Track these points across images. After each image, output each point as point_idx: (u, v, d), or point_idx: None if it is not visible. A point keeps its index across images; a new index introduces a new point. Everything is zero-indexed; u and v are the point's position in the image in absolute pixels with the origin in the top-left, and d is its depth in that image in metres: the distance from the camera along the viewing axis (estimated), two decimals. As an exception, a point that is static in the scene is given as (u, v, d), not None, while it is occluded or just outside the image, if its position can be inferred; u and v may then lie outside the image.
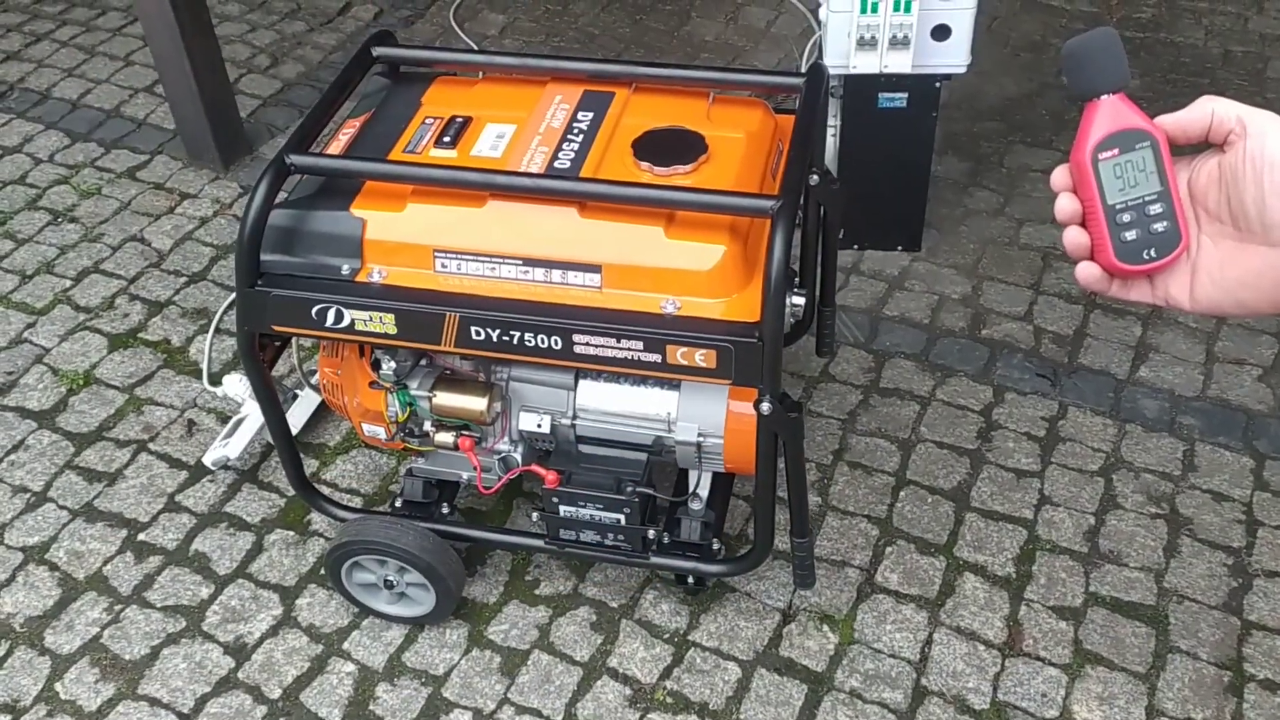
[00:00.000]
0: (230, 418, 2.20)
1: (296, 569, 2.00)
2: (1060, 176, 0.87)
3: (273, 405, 1.75)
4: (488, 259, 1.57)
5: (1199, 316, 2.35)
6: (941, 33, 2.23)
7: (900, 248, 2.60)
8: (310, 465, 2.17)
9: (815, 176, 1.84)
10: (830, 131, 2.46)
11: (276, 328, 1.62)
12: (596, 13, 3.50)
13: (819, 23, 2.46)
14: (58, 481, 2.16)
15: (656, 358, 1.52)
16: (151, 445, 2.22)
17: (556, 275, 1.56)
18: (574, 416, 1.77)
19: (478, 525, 1.91)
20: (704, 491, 1.84)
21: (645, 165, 1.60)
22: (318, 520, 2.08)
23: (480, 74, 1.83)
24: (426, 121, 1.72)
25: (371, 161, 1.61)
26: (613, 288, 1.55)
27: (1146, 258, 0.84)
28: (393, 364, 1.72)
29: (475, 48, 3.31)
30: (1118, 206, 0.84)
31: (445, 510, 1.93)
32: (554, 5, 3.54)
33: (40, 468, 2.19)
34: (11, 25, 3.46)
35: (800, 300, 1.81)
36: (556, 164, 1.61)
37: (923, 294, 2.50)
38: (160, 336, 2.44)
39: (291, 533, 2.06)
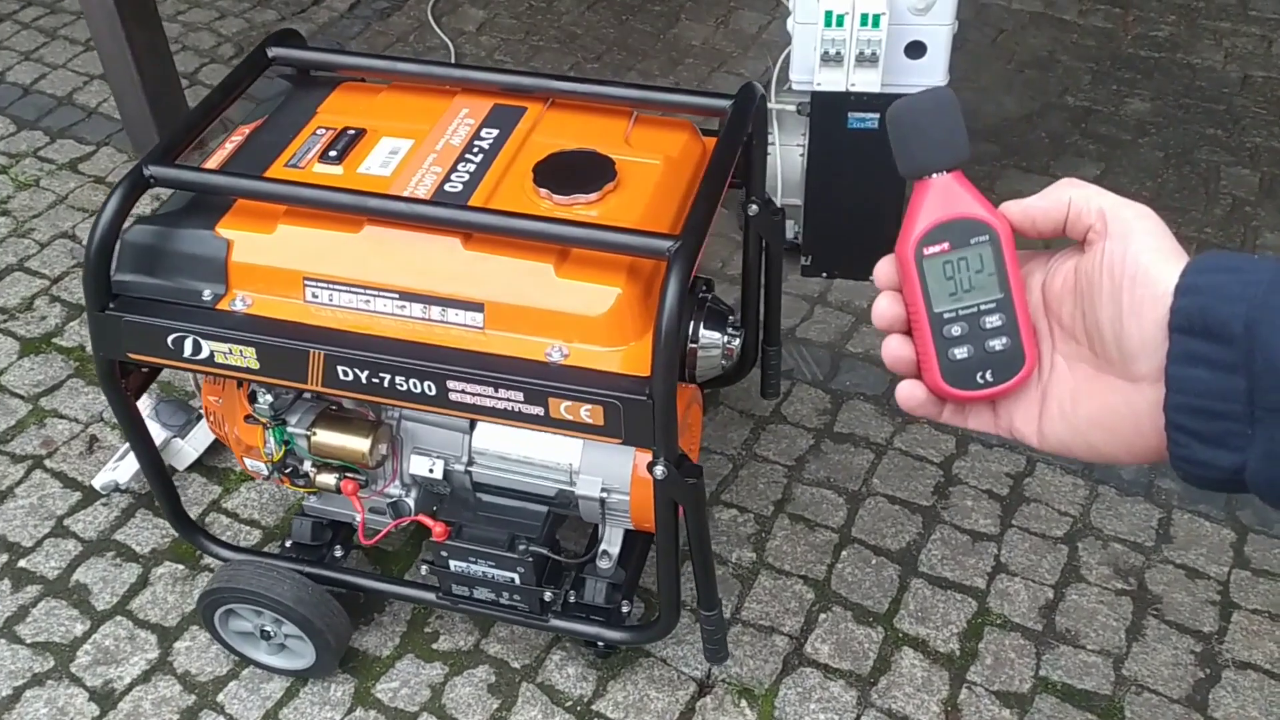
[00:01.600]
0: (130, 436, 2.05)
1: (180, 608, 1.85)
2: (885, 270, 0.69)
3: (139, 436, 1.60)
4: (361, 290, 1.41)
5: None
6: (916, 50, 2.05)
7: (871, 278, 2.41)
8: (212, 492, 2.02)
9: (755, 206, 1.68)
10: (798, 151, 2.29)
11: (133, 355, 1.47)
12: (581, 11, 3.33)
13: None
14: (-55, 496, 2.03)
15: (538, 410, 1.35)
16: (48, 462, 2.08)
17: (435, 312, 1.40)
18: (469, 462, 1.61)
19: (369, 573, 1.75)
20: (614, 549, 1.68)
21: (544, 192, 1.43)
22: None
23: (387, 81, 1.68)
24: (318, 132, 1.56)
25: (237, 177, 1.45)
26: (496, 329, 1.38)
27: (981, 381, 0.67)
28: (269, 398, 1.56)
29: (450, 45, 3.15)
30: (946, 316, 0.67)
31: (338, 553, 1.77)
32: (538, 2, 3.37)
33: (-71, 480, 2.06)
34: (-26, 4, 3.34)
35: (735, 340, 1.65)
36: (448, 186, 1.45)
37: (891, 330, 2.31)
38: (75, 343, 2.30)
39: (181, 566, 1.91)
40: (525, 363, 1.35)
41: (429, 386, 1.37)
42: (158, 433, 1.98)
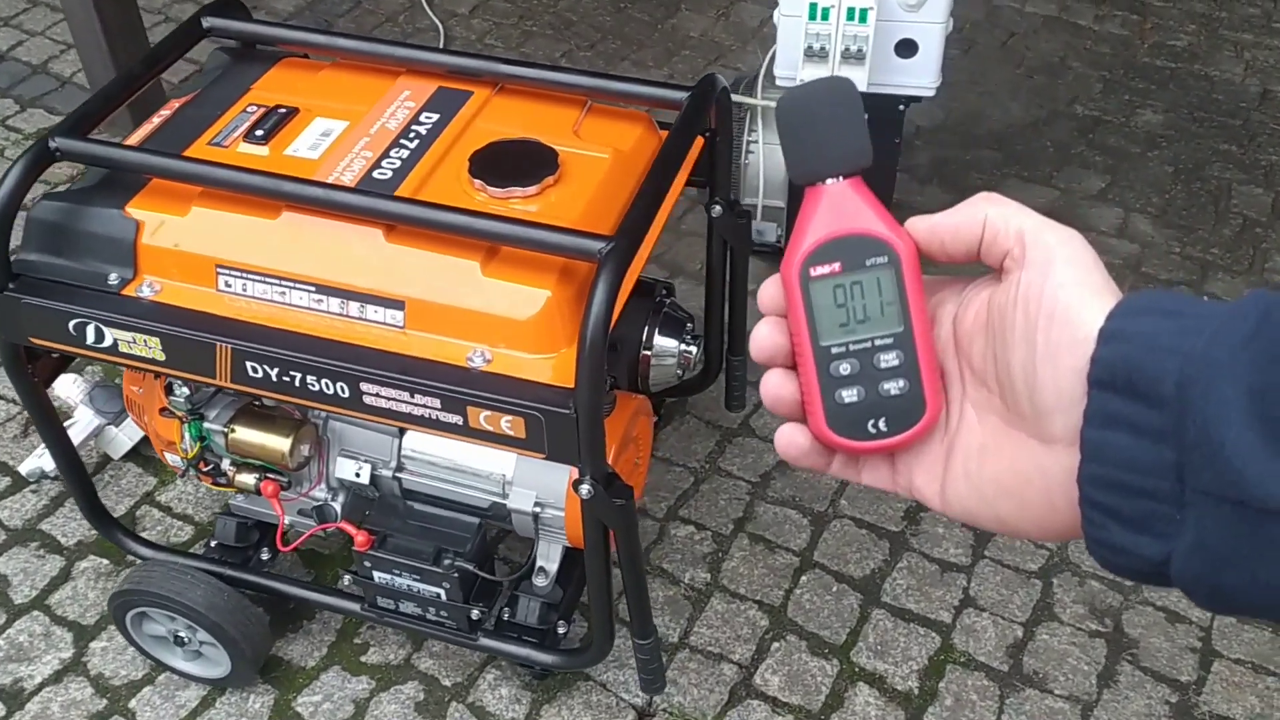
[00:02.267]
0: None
1: (100, 605, 1.76)
2: (770, 292, 0.58)
3: (47, 425, 1.50)
4: (276, 281, 1.31)
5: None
6: (906, 49, 1.94)
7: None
8: (147, 483, 1.93)
9: (719, 208, 1.57)
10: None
11: (35, 340, 1.37)
12: (578, -3, 3.22)
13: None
14: None
15: (456, 419, 1.25)
16: (-19, 443, 2.00)
17: (354, 308, 1.29)
18: (398, 468, 1.51)
19: (293, 580, 1.66)
20: (551, 565, 1.57)
21: (479, 184, 1.33)
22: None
23: (332, 58, 1.57)
24: (248, 109, 1.46)
25: (145, 153, 1.35)
26: (416, 329, 1.28)
27: (873, 431, 0.56)
28: (186, 390, 1.47)
29: (441, 27, 3.05)
30: (835, 350, 0.56)
31: (265, 555, 1.68)
32: (534, -14, 3.27)
33: None
34: (-42, -34, 3.25)
35: (692, 349, 1.54)
36: (375, 174, 1.35)
37: (872, 342, 2.20)
38: (21, 320, 2.21)
39: (105, 561, 1.82)
40: (445, 367, 1.25)
41: (342, 388, 1.27)
42: (92, 419, 1.89)
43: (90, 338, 1.33)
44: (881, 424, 0.56)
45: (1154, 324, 0.47)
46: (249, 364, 1.29)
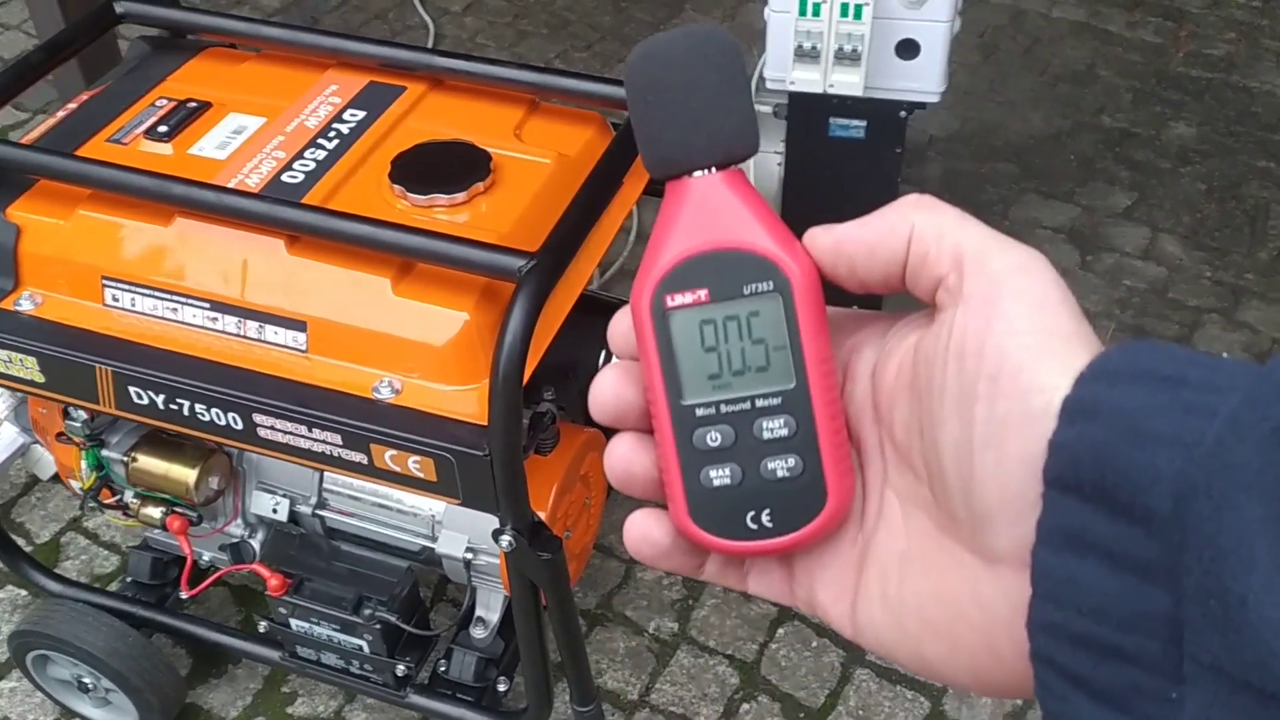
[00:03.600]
0: (-9, 438, 1.82)
1: (11, 641, 1.62)
2: (622, 328, 0.42)
3: (-65, 449, 1.36)
4: (167, 296, 1.16)
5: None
6: (908, 49, 1.76)
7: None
8: (75, 508, 1.79)
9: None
10: (775, 159, 2.01)
11: (-92, 356, 1.23)
12: (578, -4, 3.07)
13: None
14: None
15: (360, 458, 1.10)
16: (-96, 459, 1.86)
17: (252, 328, 1.14)
18: (319, 504, 1.36)
19: (207, 622, 1.50)
20: (492, 616, 1.41)
21: (399, 190, 1.17)
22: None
23: (258, 49, 1.43)
24: (157, 103, 1.31)
25: (21, 149, 1.21)
26: (320, 354, 1.13)
27: (754, 527, 0.40)
28: (83, 413, 1.32)
29: (431, 25, 2.91)
30: (701, 413, 0.40)
31: (184, 595, 1.53)
32: (533, -16, 3.12)
33: None
34: (-60, -42, 3.15)
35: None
36: (285, 177, 1.20)
37: (870, 369, 2.03)
38: (-38, 327, 2.09)
39: (23, 593, 1.68)
40: (348, 398, 1.10)
41: (234, 419, 1.12)
42: (16, 437, 1.74)
43: (-37, 355, 1.19)
44: (765, 517, 0.39)
45: (1142, 396, 0.31)
46: (132, 389, 1.14)
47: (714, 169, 0.40)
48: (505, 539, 1.09)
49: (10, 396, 1.75)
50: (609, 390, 0.41)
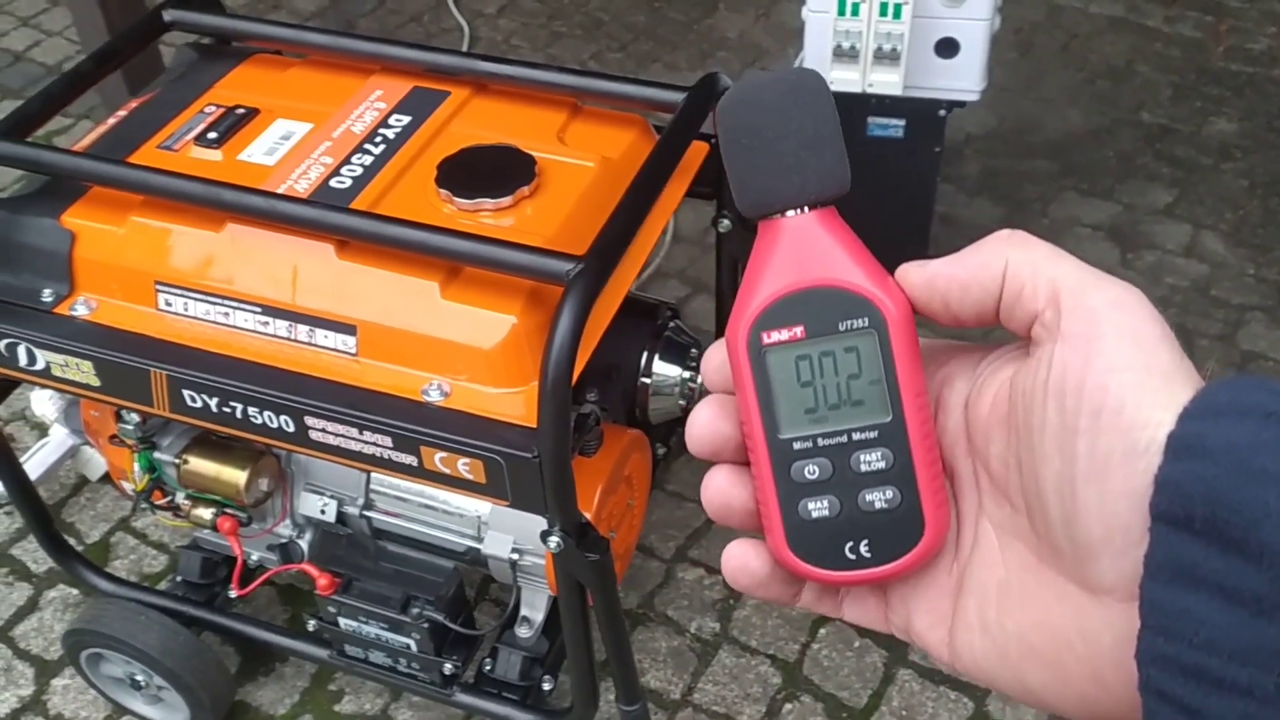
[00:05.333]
0: (43, 438, 1.86)
1: (64, 639, 1.65)
2: (715, 362, 0.43)
3: (-7, 451, 1.39)
4: (219, 300, 1.18)
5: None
6: (947, 48, 1.76)
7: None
8: (123, 508, 1.82)
9: (726, 222, 1.41)
10: (813, 159, 2.01)
11: (-35, 361, 1.26)
12: (612, -3, 3.08)
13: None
14: None
15: (410, 460, 1.11)
16: (-43, 461, 1.90)
17: (302, 332, 1.16)
18: (366, 505, 1.38)
19: (259, 622, 1.52)
20: (536, 616, 1.43)
21: (445, 194, 1.18)
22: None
23: (303, 55, 1.44)
24: (205, 110, 1.33)
25: (77, 157, 1.23)
26: (370, 357, 1.14)
27: (853, 557, 0.41)
28: (136, 416, 1.34)
29: (466, 27, 2.93)
30: (799, 447, 0.41)
31: (232, 594, 1.55)
32: (567, -15, 3.13)
33: None
34: (-16, -34, 3.20)
35: (699, 378, 1.39)
36: (333, 182, 1.21)
37: (909, 368, 2.02)
38: (11, 330, 2.12)
39: (75, 592, 1.71)
40: (398, 401, 1.11)
41: (286, 422, 1.14)
42: (66, 438, 1.78)
43: (22, 360, 1.21)
44: (863, 548, 0.41)
45: (1249, 431, 0.32)
46: (186, 393, 1.16)
47: (807, 209, 0.41)
48: (553, 540, 1.10)
49: (60, 399, 1.79)
50: (705, 425, 0.42)
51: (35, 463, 1.78)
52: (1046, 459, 0.36)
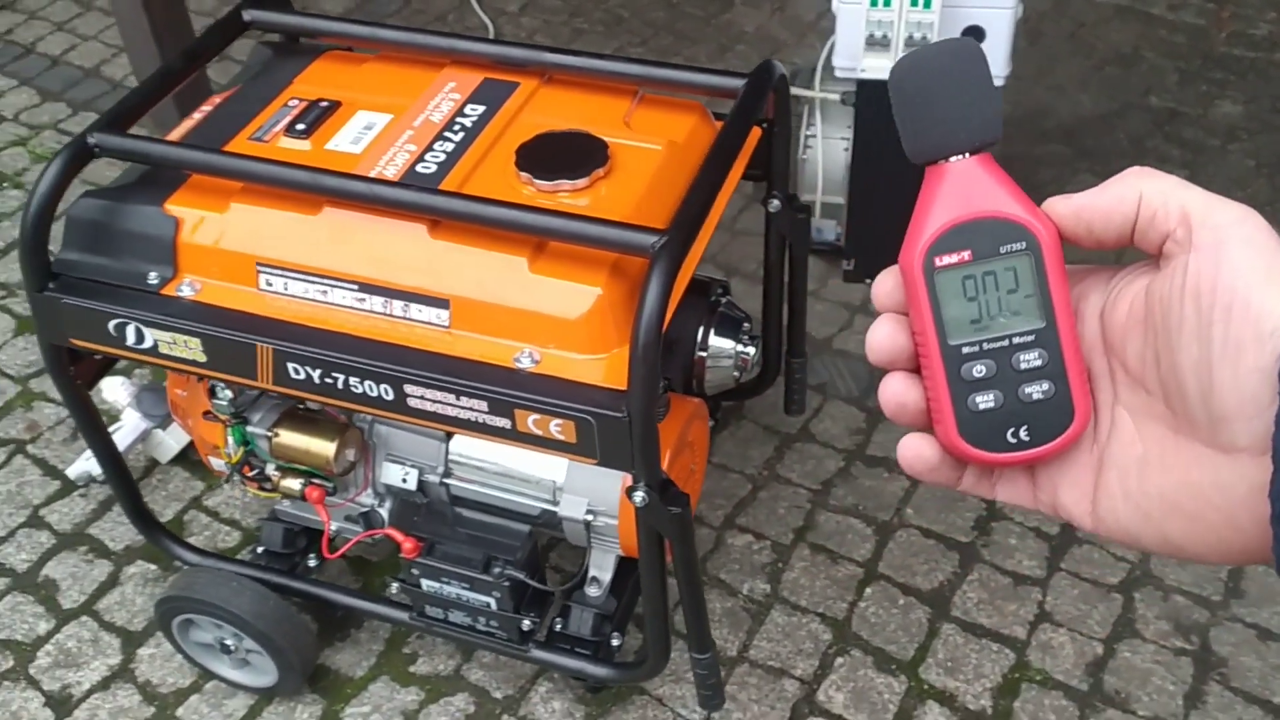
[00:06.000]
0: (111, 425, 1.94)
1: (148, 611, 1.73)
2: (887, 286, 0.52)
3: (90, 427, 1.47)
4: (318, 279, 1.26)
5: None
6: (974, 36, 1.85)
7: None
8: (194, 488, 1.90)
9: (777, 202, 1.50)
10: (842, 146, 2.10)
11: (75, 341, 1.34)
12: (631, -7, 3.16)
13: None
14: (-78, 480, 1.94)
15: (504, 423, 1.19)
16: (31, 447, 1.98)
17: (398, 307, 1.24)
18: (445, 473, 1.46)
19: (340, 587, 1.61)
20: (604, 576, 1.51)
21: (525, 176, 1.27)
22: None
23: (376, 51, 1.53)
24: (290, 104, 1.42)
25: (183, 148, 1.31)
26: (462, 329, 1.23)
27: (1013, 441, 0.50)
28: (229, 393, 1.43)
29: (490, 25, 3.01)
30: (967, 351, 0.49)
31: (311, 563, 1.63)
32: (586, -17, 3.22)
33: (-92, 462, 1.97)
34: (16, -27, 3.28)
35: (749, 350, 1.47)
36: (419, 167, 1.30)
37: (938, 343, 2.11)
38: (72, 323, 2.20)
39: (154, 567, 1.79)
40: (491, 368, 1.19)
41: (385, 390, 1.22)
42: (138, 423, 1.86)
43: (130, 339, 1.29)
44: (1023, 433, 0.49)
45: None
46: (290, 365, 1.24)
47: (968, 154, 0.49)
48: (639, 495, 1.18)
49: (131, 385, 1.88)
50: (884, 339, 0.51)
51: (110, 446, 1.87)
52: (1185, 349, 0.44)
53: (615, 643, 1.51)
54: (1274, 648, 1.64)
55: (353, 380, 1.23)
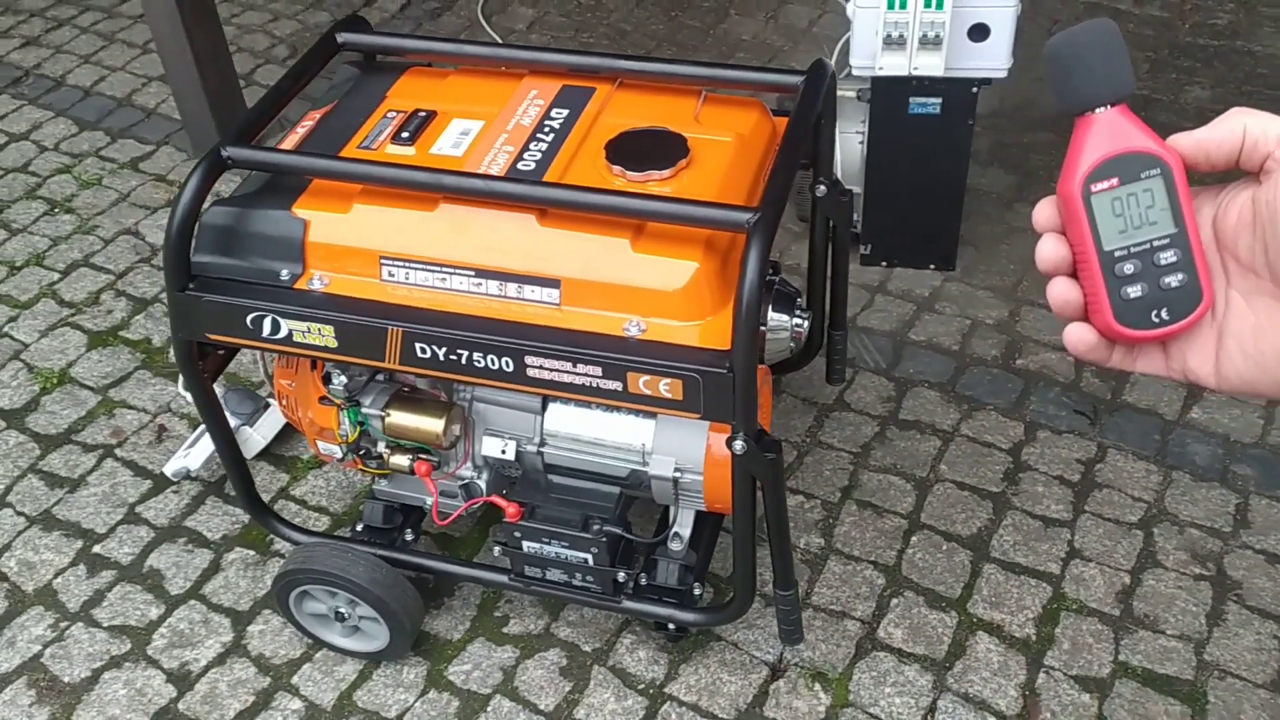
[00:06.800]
0: (199, 425, 2.07)
1: (252, 592, 1.87)
2: (1045, 213, 0.68)
3: (216, 420, 1.61)
4: (437, 268, 1.41)
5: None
6: (979, 33, 2.03)
7: (932, 266, 2.40)
8: (280, 479, 2.04)
9: (823, 187, 1.67)
10: (858, 139, 2.27)
11: (212, 336, 1.48)
12: (630, 8, 3.33)
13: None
14: (19, 486, 2.06)
15: (617, 385, 1.35)
16: (119, 451, 2.11)
17: (512, 289, 1.40)
18: (541, 443, 1.61)
19: (440, 555, 1.75)
20: (685, 531, 1.67)
21: (617, 169, 1.43)
22: (281, 541, 1.94)
23: (455, 65, 1.68)
24: (388, 115, 1.57)
25: (314, 157, 1.46)
26: (572, 305, 1.38)
27: (1156, 320, 0.66)
28: (344, 379, 1.57)
29: (500, 41, 3.17)
30: (1118, 254, 0.65)
31: (409, 537, 1.78)
32: (586, 0, 3.38)
33: (3, 470, 2.08)
34: (35, 9, 3.40)
35: (803, 323, 1.63)
36: (520, 165, 1.45)
37: (954, 317, 2.29)
38: (141, 335, 2.33)
39: (252, 552, 1.93)
40: (603, 337, 1.35)
41: (506, 363, 1.38)
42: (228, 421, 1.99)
43: (266, 330, 1.44)
44: (1164, 313, 0.65)
45: None
46: (418, 345, 1.39)
47: (1110, 105, 0.66)
48: (738, 444, 1.34)
49: (218, 386, 2.01)
50: (1051, 251, 0.67)
51: (200, 447, 2.00)
52: None
53: (697, 591, 1.67)
54: (1281, 569, 1.83)
55: (475, 355, 1.38)
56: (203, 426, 2.03)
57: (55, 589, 1.89)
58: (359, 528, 1.77)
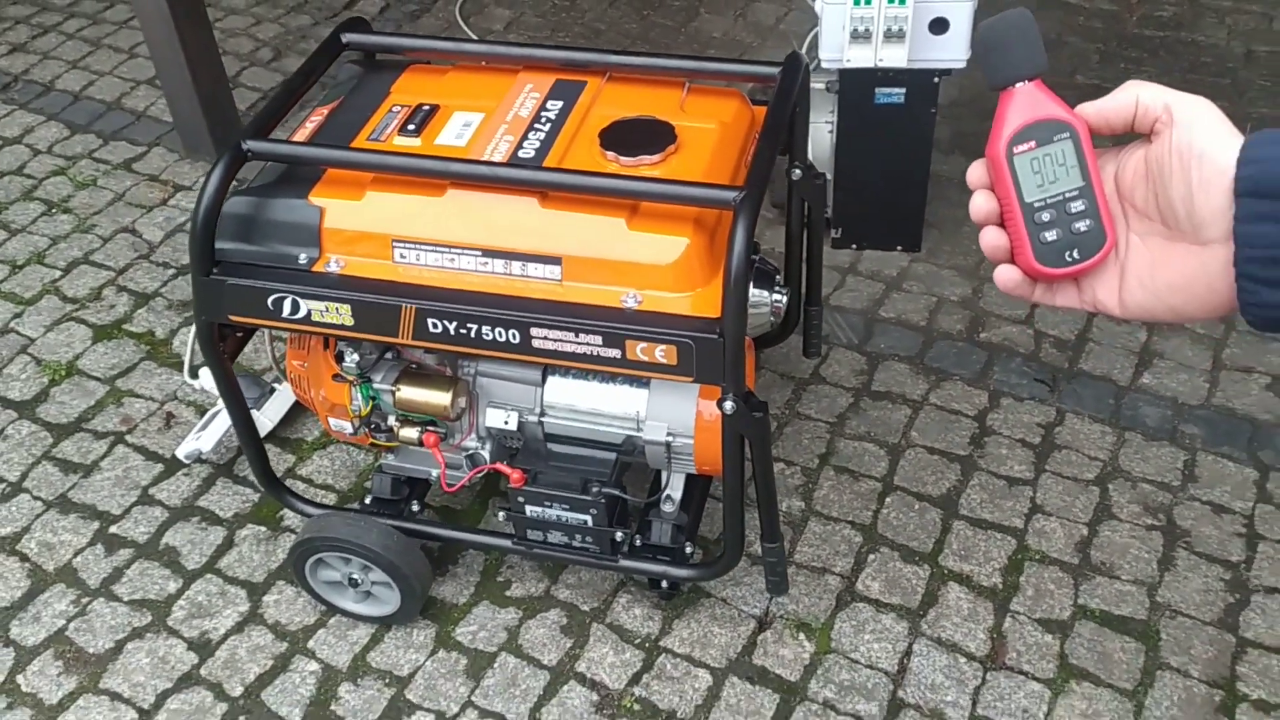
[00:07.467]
0: (207, 410, 2.17)
1: (266, 565, 1.97)
2: (977, 172, 0.80)
3: (235, 398, 1.72)
4: (446, 249, 1.53)
5: (1170, 324, 2.25)
6: (939, 26, 2.17)
7: (899, 248, 2.53)
8: (287, 460, 2.14)
9: (799, 171, 1.79)
10: (827, 128, 2.40)
11: (234, 318, 1.58)
12: (603, 8, 3.45)
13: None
14: (34, 472, 2.15)
15: (616, 353, 1.47)
16: (129, 437, 2.20)
17: (516, 267, 1.51)
18: (541, 413, 1.73)
19: (446, 524, 1.87)
20: (676, 493, 1.79)
21: (611, 155, 1.55)
22: (290, 517, 2.04)
23: (453, 62, 1.80)
24: (393, 109, 1.68)
25: (329, 148, 1.57)
26: (573, 280, 1.50)
27: (1069, 260, 0.78)
28: (355, 356, 1.68)
29: (475, 39, 3.28)
30: (1036, 205, 0.77)
31: (415, 508, 1.89)
32: (561, 0, 3.50)
33: (17, 458, 2.17)
34: (20, 17, 3.47)
35: (782, 298, 1.76)
36: (521, 153, 1.57)
37: (920, 295, 2.43)
38: (145, 328, 2.42)
39: (263, 528, 2.03)
40: (602, 309, 1.47)
41: (513, 335, 1.49)
42: (235, 405, 2.09)
43: (287, 310, 1.54)
44: (1075, 253, 0.77)
45: (1277, 149, 0.69)
46: (430, 321, 1.50)
47: (1028, 80, 0.78)
48: (728, 404, 1.47)
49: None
50: (982, 204, 0.79)
51: (211, 430, 2.10)
52: (1175, 187, 0.73)
53: (689, 549, 1.79)
54: (1227, 519, 1.97)
55: (484, 329, 1.49)
56: (212, 411, 2.14)
57: (75, 567, 1.99)
58: (367, 500, 1.87)
